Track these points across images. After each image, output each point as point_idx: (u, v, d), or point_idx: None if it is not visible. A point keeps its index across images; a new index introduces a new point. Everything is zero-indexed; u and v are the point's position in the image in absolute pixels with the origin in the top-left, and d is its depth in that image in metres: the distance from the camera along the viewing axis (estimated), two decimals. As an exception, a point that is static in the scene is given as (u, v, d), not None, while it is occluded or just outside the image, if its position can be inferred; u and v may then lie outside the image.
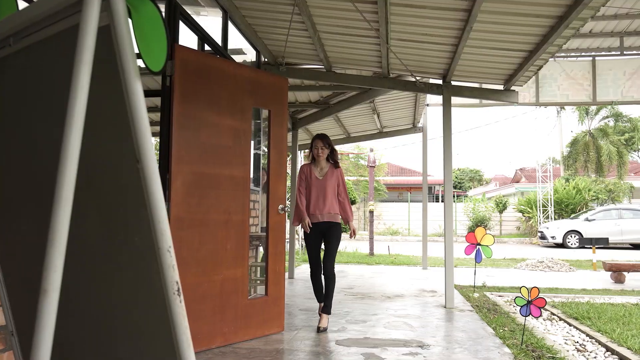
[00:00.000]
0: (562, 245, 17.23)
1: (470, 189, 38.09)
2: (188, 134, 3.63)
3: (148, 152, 1.15)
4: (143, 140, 1.14)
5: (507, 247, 17.36)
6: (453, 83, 5.76)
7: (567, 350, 4.17)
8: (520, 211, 22.49)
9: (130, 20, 1.23)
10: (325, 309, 4.44)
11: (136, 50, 1.26)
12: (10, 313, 1.80)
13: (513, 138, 68.99)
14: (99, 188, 1.35)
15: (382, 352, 3.75)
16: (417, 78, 5.78)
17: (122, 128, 1.19)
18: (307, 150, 12.25)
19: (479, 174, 41.37)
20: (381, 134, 10.35)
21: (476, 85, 6.46)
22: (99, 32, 1.17)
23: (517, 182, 31.92)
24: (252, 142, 6.04)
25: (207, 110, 3.77)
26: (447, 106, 5.70)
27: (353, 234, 4.67)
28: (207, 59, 3.86)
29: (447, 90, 5.69)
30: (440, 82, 5.80)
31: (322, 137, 4.58)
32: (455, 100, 9.72)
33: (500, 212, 23.33)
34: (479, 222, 21.76)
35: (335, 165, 4.61)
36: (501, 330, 4.51)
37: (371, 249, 12.62)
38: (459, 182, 39.08)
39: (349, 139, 10.52)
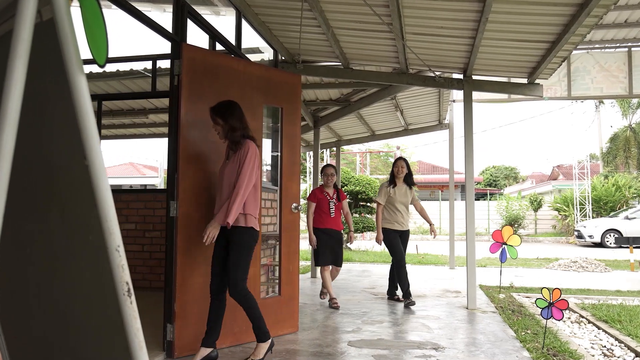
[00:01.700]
0: (600, 245, 16.60)
1: (506, 186, 37.21)
2: (196, 133, 3.62)
3: (95, 148, 1.11)
4: (89, 137, 1.10)
5: (542, 247, 16.85)
6: (474, 77, 5.59)
7: (593, 355, 3.98)
8: (556, 209, 21.80)
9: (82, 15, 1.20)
10: (261, 336, 3.39)
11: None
12: (-5, 312, 1.81)
13: (550, 134, 66.97)
14: (59, 187, 1.33)
15: (394, 354, 3.66)
16: (437, 73, 5.64)
17: (72, 125, 1.16)
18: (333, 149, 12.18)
19: (515, 172, 40.38)
20: (406, 132, 10.20)
21: (504, 79, 6.27)
22: (45, 25, 1.14)
23: (555, 179, 31.02)
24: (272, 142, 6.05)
25: (215, 108, 3.75)
26: (468, 101, 5.54)
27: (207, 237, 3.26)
28: (216, 57, 3.84)
29: (467, 85, 5.52)
30: (460, 76, 5.65)
31: (212, 108, 3.40)
32: (482, 95, 9.50)
33: (535, 210, 22.67)
34: (513, 221, 21.19)
35: (235, 146, 3.36)
36: (523, 333, 4.34)
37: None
38: (493, 180, 38.26)
39: (373, 136, 10.40)
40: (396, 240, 5.76)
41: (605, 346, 4.30)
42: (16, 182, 1.48)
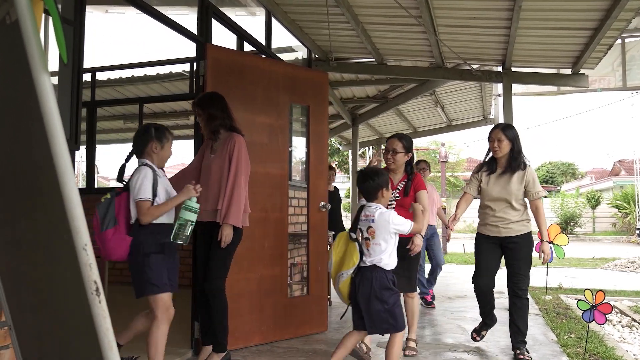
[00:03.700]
0: (665, 244, 15.60)
1: (563, 183, 35.63)
2: (221, 133, 3.64)
3: (60, 147, 1.11)
4: (54, 135, 1.10)
5: (600, 246, 16.00)
6: (513, 69, 5.35)
7: (641, 362, 3.71)
8: (616, 207, 20.64)
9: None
10: (216, 346, 3.13)
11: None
12: (7, 307, 1.87)
13: (611, 128, 63.50)
14: (42, 186, 1.35)
15: (424, 356, 3.54)
16: (475, 66, 5.44)
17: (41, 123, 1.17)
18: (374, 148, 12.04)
19: (572, 167, 38.58)
20: (450, 127, 9.93)
21: (552, 70, 5.97)
22: (14, 25, 1.15)
23: (616, 175, 29.40)
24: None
25: (240, 108, 3.75)
26: (507, 94, 5.31)
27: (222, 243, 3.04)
28: (240, 57, 3.86)
29: (506, 78, 5.29)
30: (499, 69, 5.42)
31: (194, 100, 3.33)
32: (530, 88, 9.11)
33: (593, 208, 21.55)
34: (569, 219, 20.24)
35: (214, 135, 3.17)
36: (565, 337, 4.11)
37: (443, 247, 12.14)
38: (550, 177, 36.74)
39: (416, 133, 10.17)
40: (485, 254, 3.84)
41: (657, 353, 4.01)
42: (10, 180, 1.51)
